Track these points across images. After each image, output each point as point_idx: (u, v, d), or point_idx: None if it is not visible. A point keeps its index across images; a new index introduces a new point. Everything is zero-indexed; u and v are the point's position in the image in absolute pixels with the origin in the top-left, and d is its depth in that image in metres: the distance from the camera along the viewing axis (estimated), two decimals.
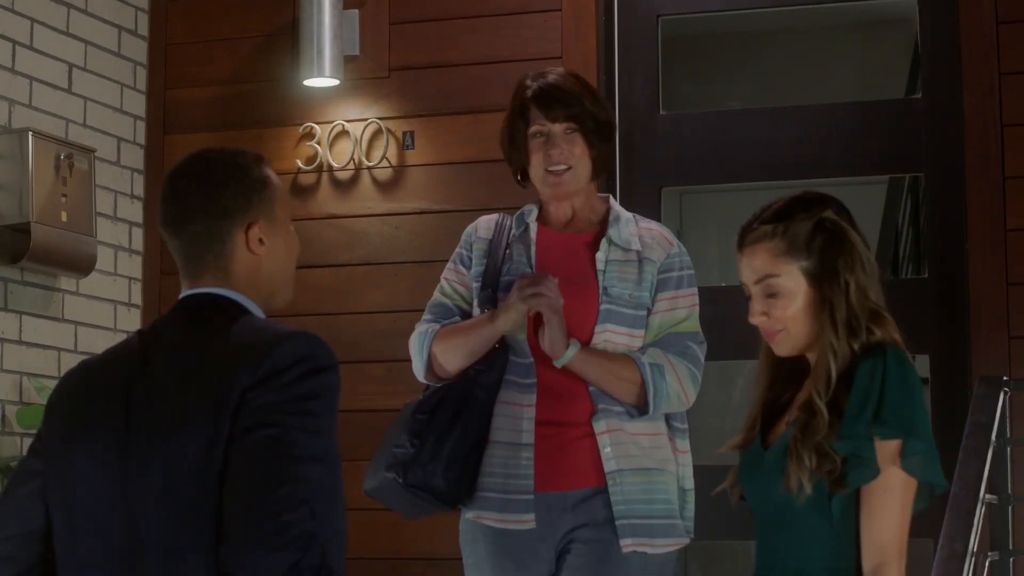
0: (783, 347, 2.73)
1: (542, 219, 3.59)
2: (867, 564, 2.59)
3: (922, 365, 4.78)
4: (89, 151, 4.96)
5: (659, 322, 3.49)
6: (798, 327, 2.70)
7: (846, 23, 7.05)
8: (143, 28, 5.41)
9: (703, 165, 5.11)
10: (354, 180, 5.21)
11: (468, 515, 3.50)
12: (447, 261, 3.68)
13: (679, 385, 3.44)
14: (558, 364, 3.40)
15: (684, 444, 3.54)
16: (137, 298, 5.30)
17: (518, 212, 3.62)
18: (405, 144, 5.17)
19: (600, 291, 3.46)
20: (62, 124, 4.96)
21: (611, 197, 3.63)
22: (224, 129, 5.27)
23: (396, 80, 5.21)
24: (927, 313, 4.78)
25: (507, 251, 3.54)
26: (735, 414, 6.19)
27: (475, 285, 3.54)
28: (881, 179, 6.39)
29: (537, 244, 3.53)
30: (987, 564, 4.12)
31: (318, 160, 5.21)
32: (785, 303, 2.70)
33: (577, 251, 3.51)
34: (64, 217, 4.78)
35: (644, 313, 3.48)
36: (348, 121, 5.21)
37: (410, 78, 5.19)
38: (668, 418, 3.50)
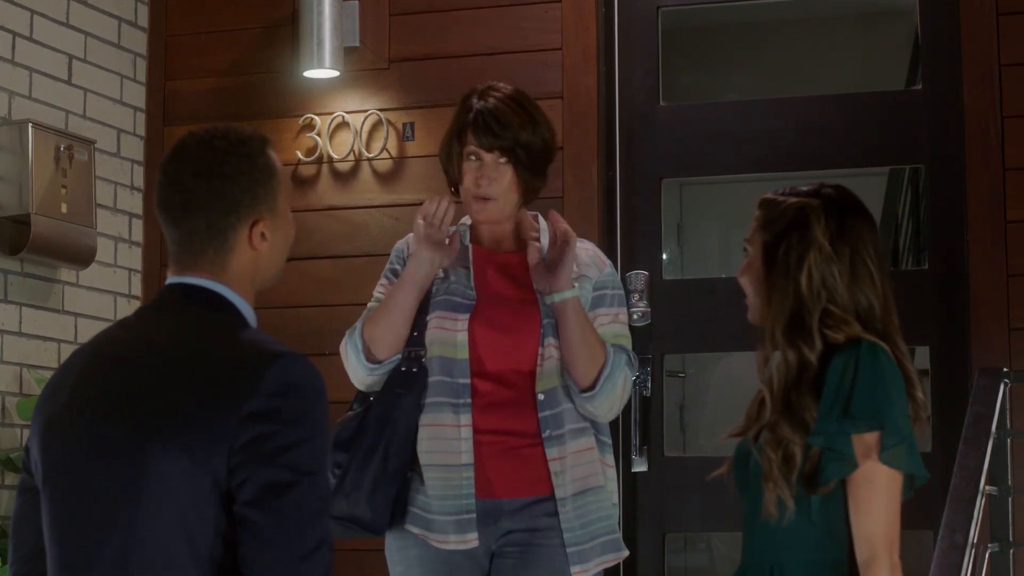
0: (750, 313, 2.80)
1: (475, 237, 3.58)
2: (859, 558, 2.60)
3: (922, 357, 4.78)
4: (89, 142, 4.96)
5: (601, 334, 3.48)
6: (754, 300, 2.77)
7: (846, 14, 7.04)
8: (143, 19, 5.41)
9: (703, 156, 5.10)
10: (354, 171, 5.20)
11: (412, 529, 3.43)
12: None
13: (622, 388, 3.46)
14: (557, 298, 3.38)
15: (610, 458, 3.54)
16: (137, 289, 5.30)
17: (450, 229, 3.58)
18: (405, 135, 5.17)
19: (541, 308, 3.46)
20: (62, 115, 4.96)
21: (539, 216, 3.61)
22: (224, 121, 5.25)
23: (396, 71, 5.20)
24: (927, 305, 4.78)
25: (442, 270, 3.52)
26: (734, 406, 6.17)
27: None
28: (881, 171, 6.38)
29: (474, 265, 3.52)
30: (987, 555, 4.13)
31: (318, 151, 5.21)
32: (746, 269, 2.79)
33: (515, 271, 3.51)
34: (64, 208, 4.78)
35: None
36: (348, 112, 5.20)
37: (410, 69, 5.19)
38: (596, 432, 3.50)
